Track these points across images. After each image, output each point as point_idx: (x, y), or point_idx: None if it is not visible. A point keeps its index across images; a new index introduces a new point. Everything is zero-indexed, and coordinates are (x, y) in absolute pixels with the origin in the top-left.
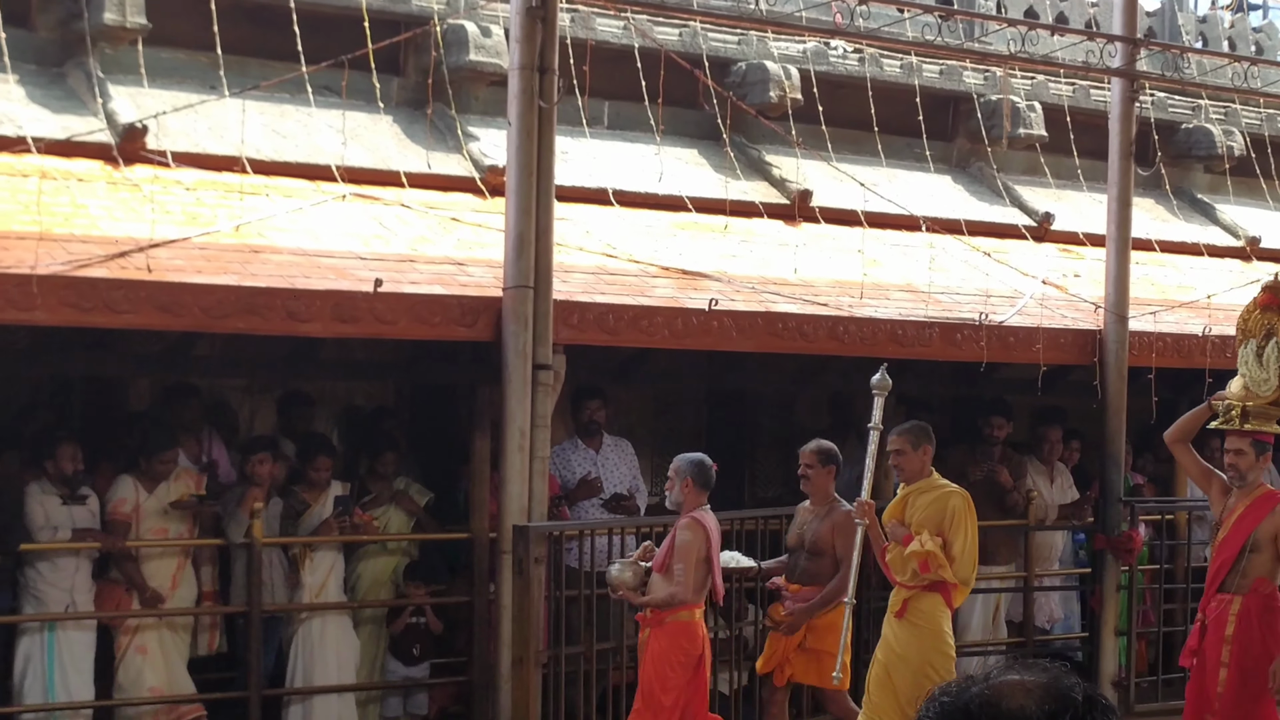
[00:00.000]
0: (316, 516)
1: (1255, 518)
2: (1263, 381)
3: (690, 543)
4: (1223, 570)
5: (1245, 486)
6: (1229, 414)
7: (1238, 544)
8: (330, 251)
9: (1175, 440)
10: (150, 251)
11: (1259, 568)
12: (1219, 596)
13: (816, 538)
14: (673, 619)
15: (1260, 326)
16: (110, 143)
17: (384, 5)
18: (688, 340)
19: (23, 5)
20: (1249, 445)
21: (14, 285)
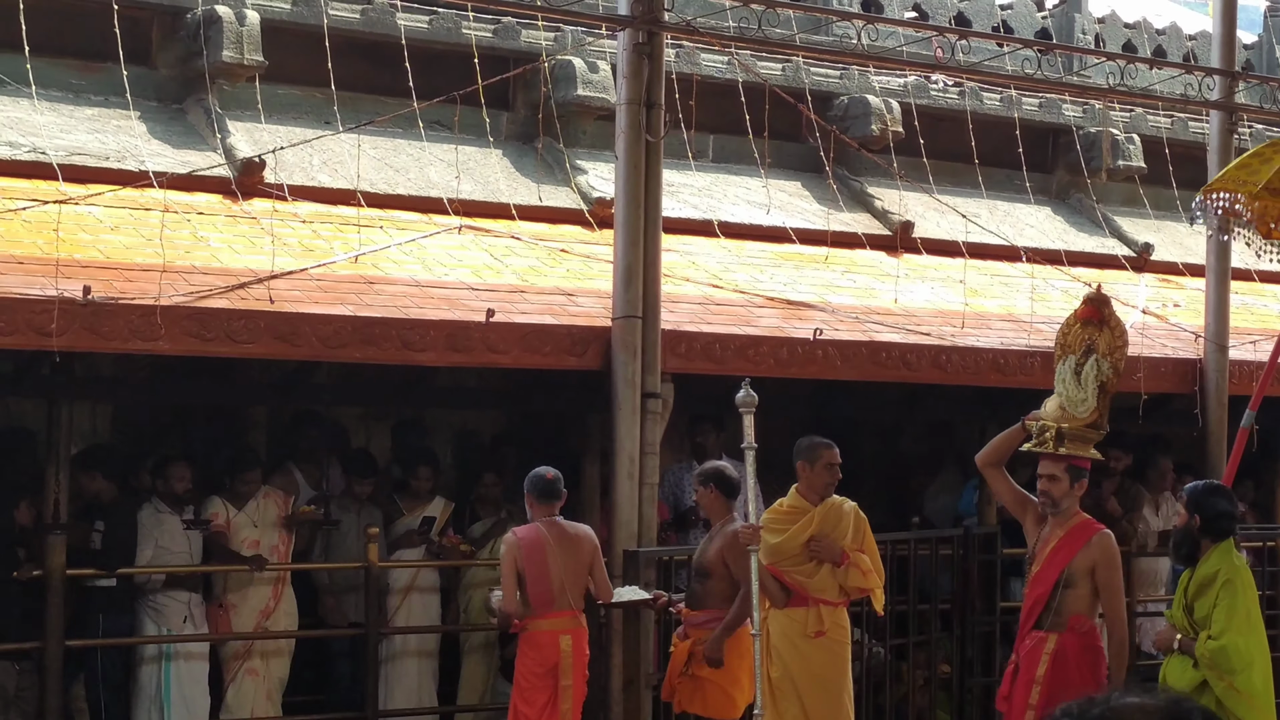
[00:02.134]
0: (405, 526)
1: (1070, 550)
2: (1080, 402)
3: (503, 557)
4: (1037, 607)
5: (1060, 515)
6: (1043, 436)
7: (1052, 578)
8: (443, 282)
9: (987, 464)
10: (269, 283)
11: (1075, 604)
12: (1033, 634)
13: (703, 558)
14: (528, 630)
15: (1080, 342)
16: (229, 177)
17: (494, 42)
18: (793, 369)
19: (144, 44)
20: (1063, 471)
21: (139, 316)
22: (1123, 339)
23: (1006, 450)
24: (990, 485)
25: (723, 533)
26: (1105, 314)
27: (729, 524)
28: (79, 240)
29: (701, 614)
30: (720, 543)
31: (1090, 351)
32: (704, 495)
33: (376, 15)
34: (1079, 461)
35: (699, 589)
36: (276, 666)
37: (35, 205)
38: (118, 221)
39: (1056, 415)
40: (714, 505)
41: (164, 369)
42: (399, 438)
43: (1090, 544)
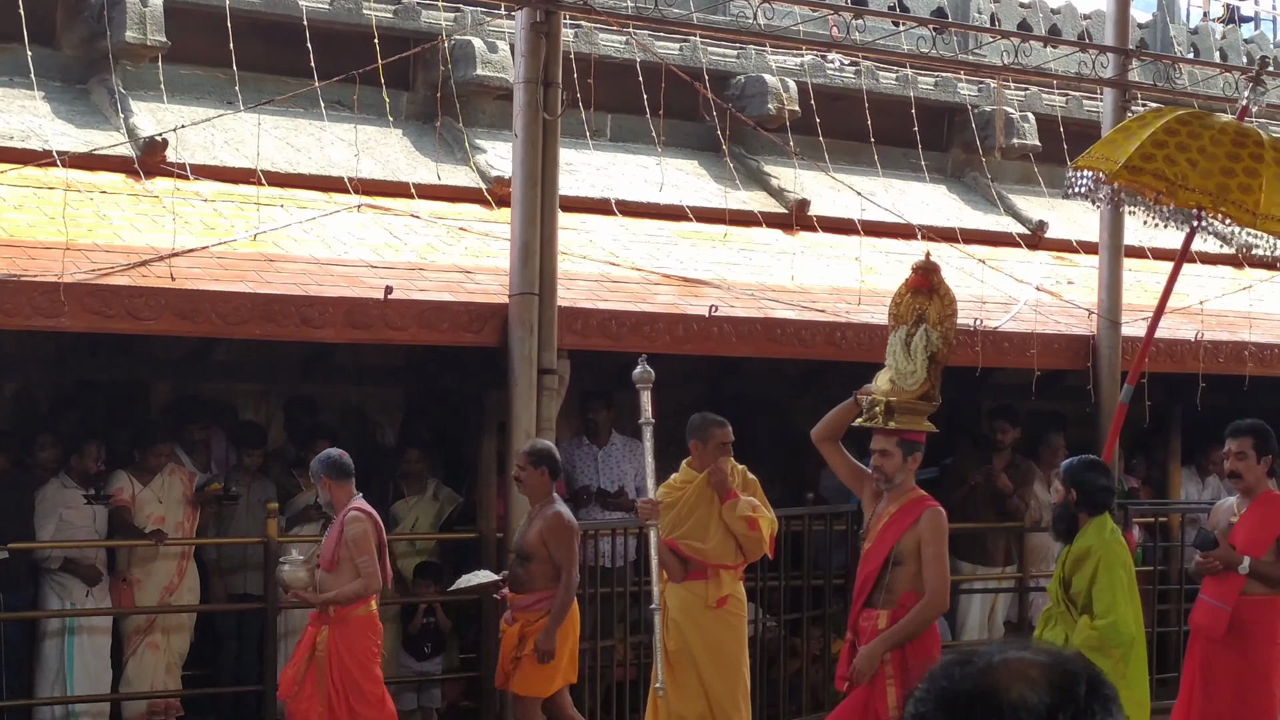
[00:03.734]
0: (304, 502)
1: (900, 526)
2: (909, 374)
3: (366, 533)
4: (867, 584)
5: (894, 490)
6: (873, 411)
7: (882, 555)
8: (343, 260)
9: (822, 438)
10: (171, 260)
11: (906, 581)
12: (866, 612)
13: (525, 541)
14: (358, 613)
15: (911, 312)
16: (132, 156)
17: (393, 22)
18: (688, 346)
19: (48, 25)
20: (895, 445)
21: (41, 293)
22: (952, 308)
23: (839, 425)
24: (826, 460)
25: (543, 514)
26: (935, 282)
27: (549, 505)
28: None
29: (528, 597)
30: (541, 524)
31: (921, 321)
32: (531, 475)
33: None
34: (911, 435)
35: (521, 572)
36: (177, 641)
37: None
38: (21, 200)
39: (887, 389)
40: (539, 486)
41: (67, 346)
42: (291, 415)
43: (919, 520)
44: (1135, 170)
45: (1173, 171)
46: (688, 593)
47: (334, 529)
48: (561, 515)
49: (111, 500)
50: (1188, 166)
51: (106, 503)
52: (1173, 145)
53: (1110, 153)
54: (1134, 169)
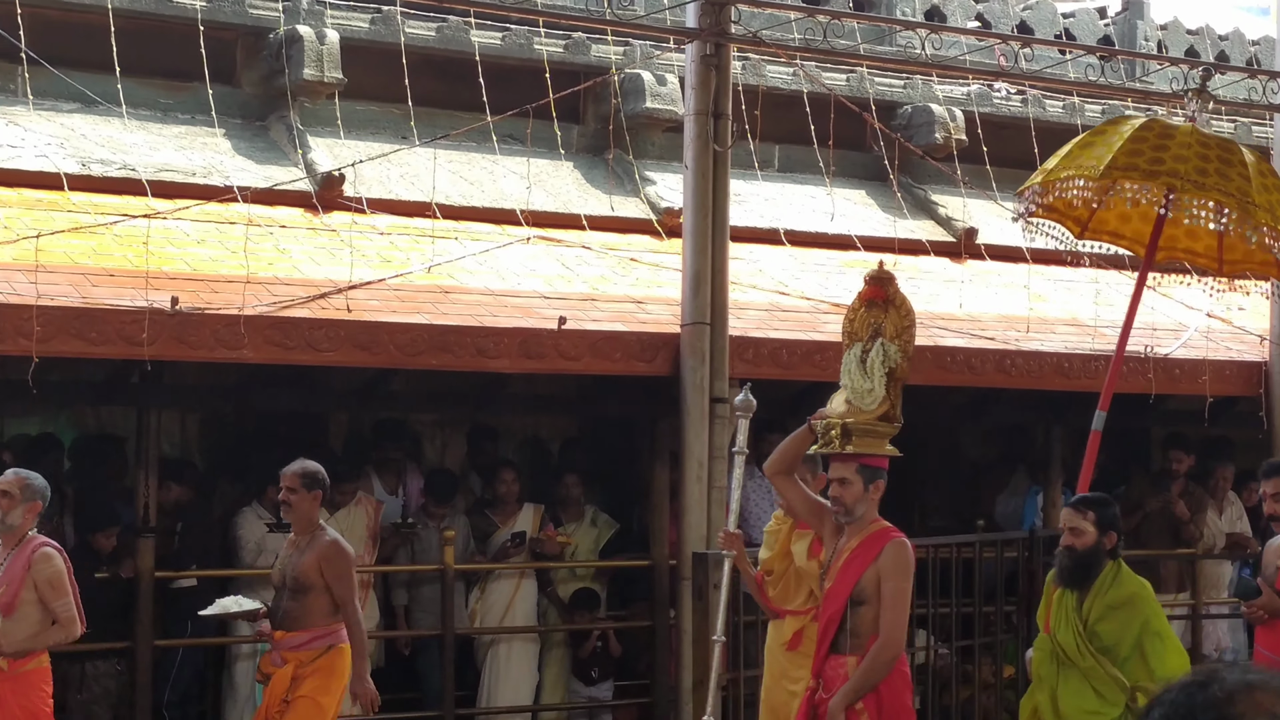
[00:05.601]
0: (501, 540)
1: (863, 562)
2: (866, 393)
3: (60, 573)
4: (830, 627)
5: (855, 523)
6: (828, 435)
7: (843, 596)
8: (516, 291)
9: (774, 472)
10: (349, 293)
11: (872, 623)
12: (831, 659)
13: (299, 573)
14: (29, 667)
15: (866, 326)
16: (310, 191)
17: (564, 56)
18: None
19: (229, 64)
20: (855, 473)
21: (224, 326)
22: (910, 319)
23: (794, 456)
24: (781, 495)
25: (318, 542)
26: (890, 293)
27: (322, 533)
28: (167, 253)
29: (302, 634)
30: (315, 554)
31: (877, 335)
32: (303, 499)
33: (451, 32)
34: (872, 461)
35: (294, 607)
36: None
37: (125, 220)
38: (204, 235)
39: (843, 410)
40: (309, 511)
41: (248, 377)
42: (474, 444)
43: (882, 555)
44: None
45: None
46: (773, 629)
47: (16, 565)
48: (339, 543)
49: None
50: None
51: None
52: (1148, 148)
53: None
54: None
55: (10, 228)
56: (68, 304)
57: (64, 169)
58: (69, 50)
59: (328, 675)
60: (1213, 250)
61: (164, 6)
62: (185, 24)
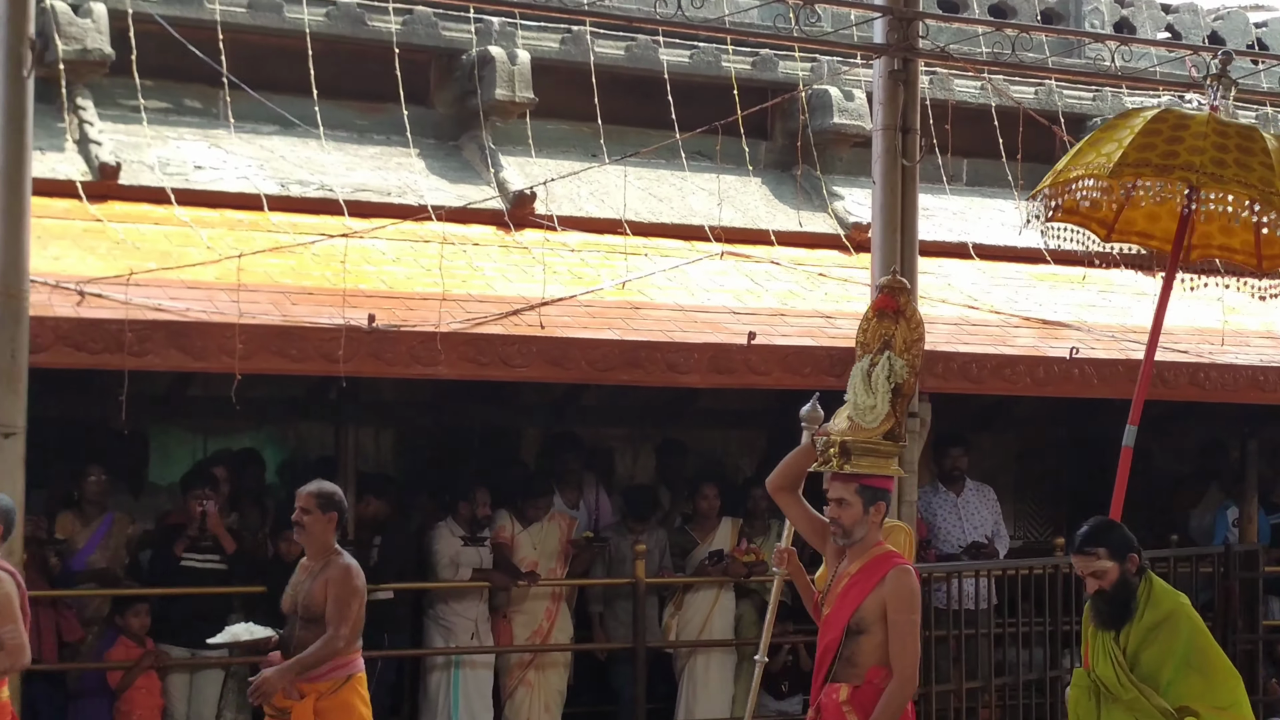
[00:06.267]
0: (700, 557)
1: (863, 589)
2: (869, 409)
3: (9, 596)
4: (827, 655)
5: (856, 546)
6: (826, 453)
7: (841, 623)
8: (706, 307)
9: (777, 488)
10: (541, 309)
11: (870, 653)
12: (828, 687)
13: (311, 600)
14: None
15: (877, 338)
16: (502, 209)
17: (752, 73)
18: (1049, 388)
19: (422, 85)
20: (854, 493)
21: (420, 342)
22: (919, 332)
23: (796, 472)
24: (785, 513)
25: (332, 568)
26: (902, 303)
27: (337, 558)
28: (364, 271)
29: None
30: (325, 580)
31: (887, 347)
32: (318, 521)
33: (640, 51)
34: (874, 481)
35: (307, 636)
36: (554, 678)
37: (323, 239)
38: (399, 253)
39: (845, 427)
40: (323, 534)
41: (441, 393)
42: (663, 459)
43: (883, 581)
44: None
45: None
46: None
47: None
48: (350, 569)
49: (493, 537)
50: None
51: (483, 544)
52: (1161, 141)
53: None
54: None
55: (213, 248)
56: (268, 322)
57: (264, 190)
58: (269, 74)
59: (348, 711)
60: (1250, 246)
61: (360, 30)
62: (381, 47)
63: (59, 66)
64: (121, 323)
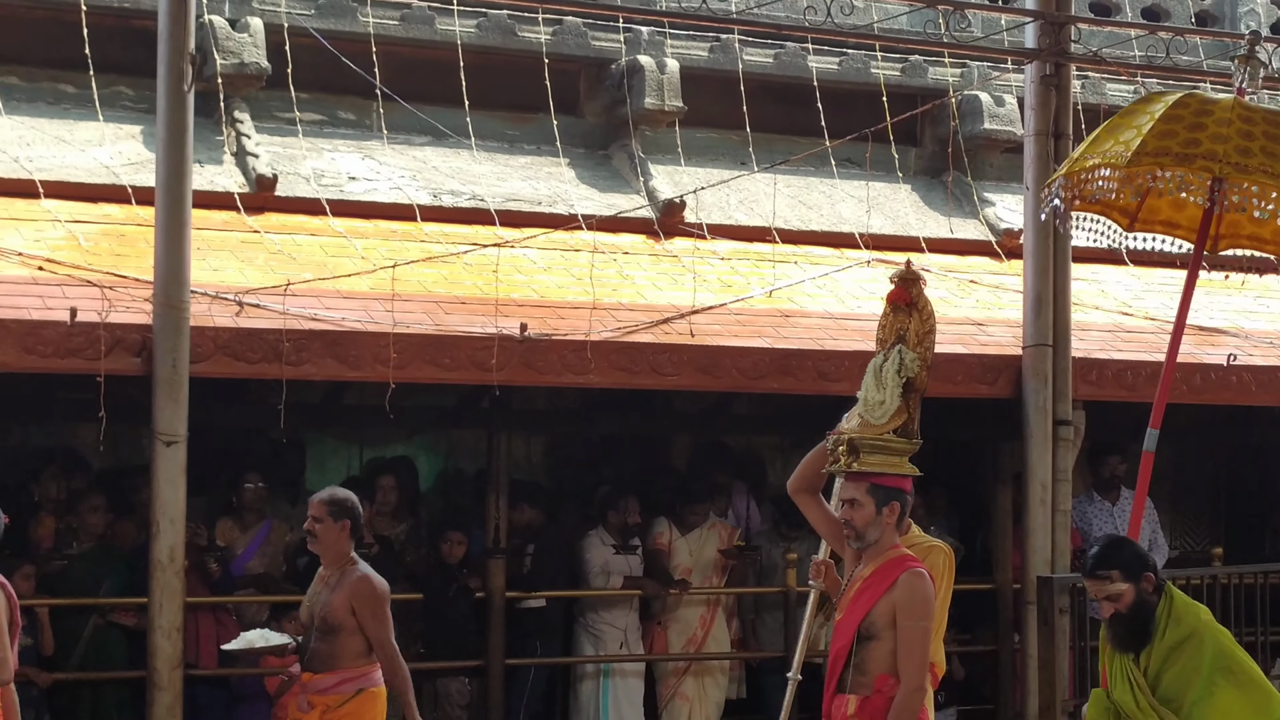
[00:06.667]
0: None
1: (874, 593)
2: (877, 405)
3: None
4: (837, 664)
5: (870, 549)
6: (835, 452)
7: (851, 629)
8: (856, 314)
9: (797, 489)
10: (691, 318)
11: (880, 661)
12: (837, 698)
13: (327, 611)
14: None
15: (893, 331)
16: (652, 218)
17: (901, 80)
18: (1206, 395)
19: (572, 95)
20: (865, 493)
21: (571, 351)
22: (930, 324)
23: (813, 472)
24: (805, 514)
25: (349, 579)
26: (914, 295)
27: (353, 568)
28: (515, 280)
29: (330, 676)
30: (347, 591)
31: (899, 341)
32: (329, 529)
33: (788, 58)
34: (886, 480)
35: (323, 647)
36: (712, 690)
37: (475, 249)
38: (550, 262)
39: (855, 425)
40: (337, 543)
41: (591, 401)
42: None
43: (895, 585)
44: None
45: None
46: None
47: None
48: (371, 579)
49: (651, 543)
50: (1210, 143)
51: (634, 552)
52: (1182, 129)
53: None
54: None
55: (368, 258)
56: (422, 331)
57: (417, 200)
58: (421, 85)
59: None
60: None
61: (510, 41)
62: (530, 57)
63: (217, 81)
64: (279, 332)
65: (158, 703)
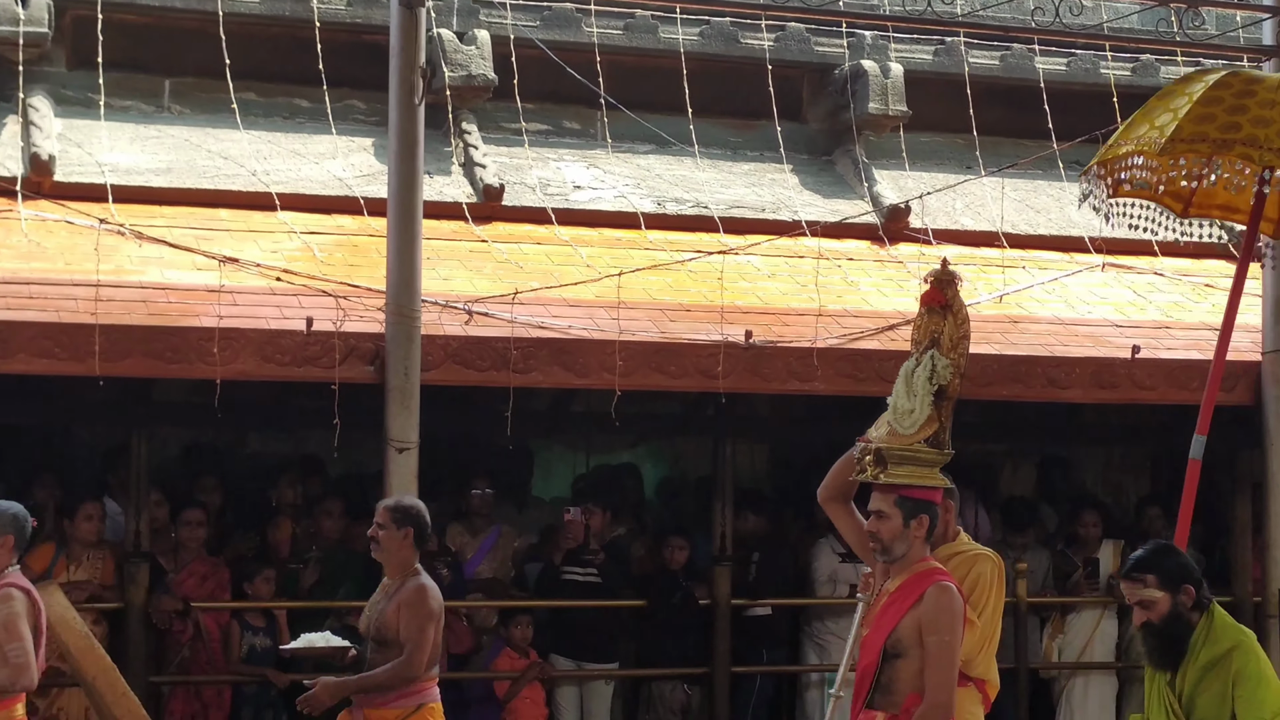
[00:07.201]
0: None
1: (900, 608)
2: (906, 413)
3: (16, 615)
4: (865, 681)
5: (899, 563)
6: (862, 461)
7: (877, 645)
8: (1087, 320)
9: (827, 498)
10: None
11: (908, 679)
12: (865, 715)
13: (382, 623)
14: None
15: (927, 334)
16: (876, 223)
17: (1132, 80)
18: None
19: (795, 101)
20: (893, 505)
21: (796, 358)
22: (965, 329)
23: (843, 480)
24: (835, 525)
25: (404, 589)
26: (950, 297)
27: (412, 578)
28: (739, 287)
29: (386, 692)
30: (398, 602)
31: (933, 345)
32: (392, 537)
33: (1015, 60)
34: (915, 492)
35: (378, 660)
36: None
37: (699, 256)
38: (774, 269)
39: (883, 434)
40: (399, 551)
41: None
42: (1044, 474)
43: (921, 599)
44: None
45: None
46: None
47: None
48: (425, 590)
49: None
50: (1251, 127)
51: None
52: (1221, 111)
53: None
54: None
55: (593, 266)
56: (647, 339)
57: (641, 208)
58: (644, 94)
59: None
60: None
61: (733, 48)
62: (753, 64)
63: (445, 93)
64: (507, 341)
65: None
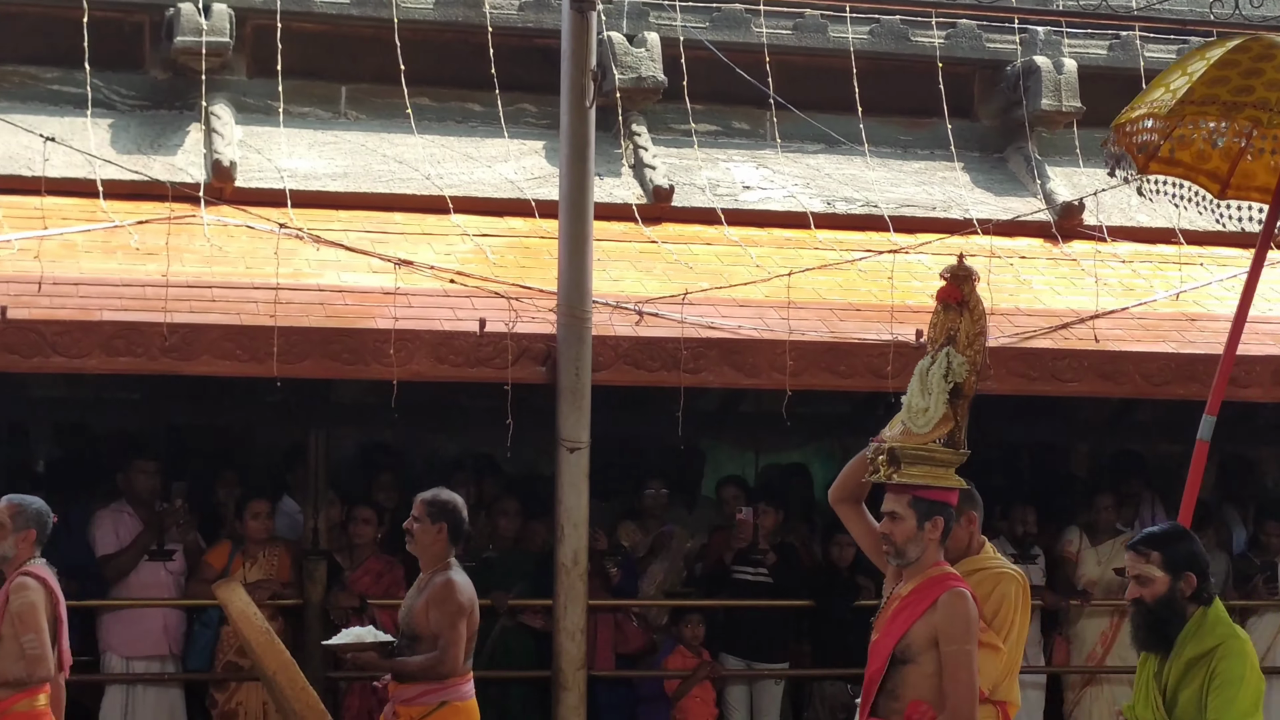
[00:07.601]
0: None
1: (912, 613)
2: (920, 412)
3: (34, 605)
4: (871, 686)
5: (911, 566)
6: (875, 461)
7: (886, 650)
8: (1268, 317)
9: (838, 499)
10: (1093, 322)
11: (914, 685)
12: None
13: (412, 618)
14: (17, 708)
15: (943, 331)
16: (1049, 221)
17: None
18: None
19: (966, 98)
20: (906, 506)
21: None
22: (981, 325)
23: (854, 481)
24: (846, 526)
25: (433, 584)
26: (966, 293)
27: (442, 572)
28: (910, 287)
29: (413, 686)
30: (427, 597)
31: (949, 343)
32: (427, 531)
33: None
34: (929, 494)
35: (407, 655)
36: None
37: (870, 255)
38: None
39: (897, 433)
40: (433, 545)
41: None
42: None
43: (935, 606)
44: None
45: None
46: None
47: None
48: (453, 584)
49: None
50: (1264, 90)
51: (1035, 561)
52: (1236, 74)
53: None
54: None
55: (762, 266)
56: (818, 339)
57: (810, 208)
58: (813, 93)
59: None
60: None
61: (903, 46)
62: (924, 62)
63: (615, 95)
64: (677, 341)
65: (563, 703)
